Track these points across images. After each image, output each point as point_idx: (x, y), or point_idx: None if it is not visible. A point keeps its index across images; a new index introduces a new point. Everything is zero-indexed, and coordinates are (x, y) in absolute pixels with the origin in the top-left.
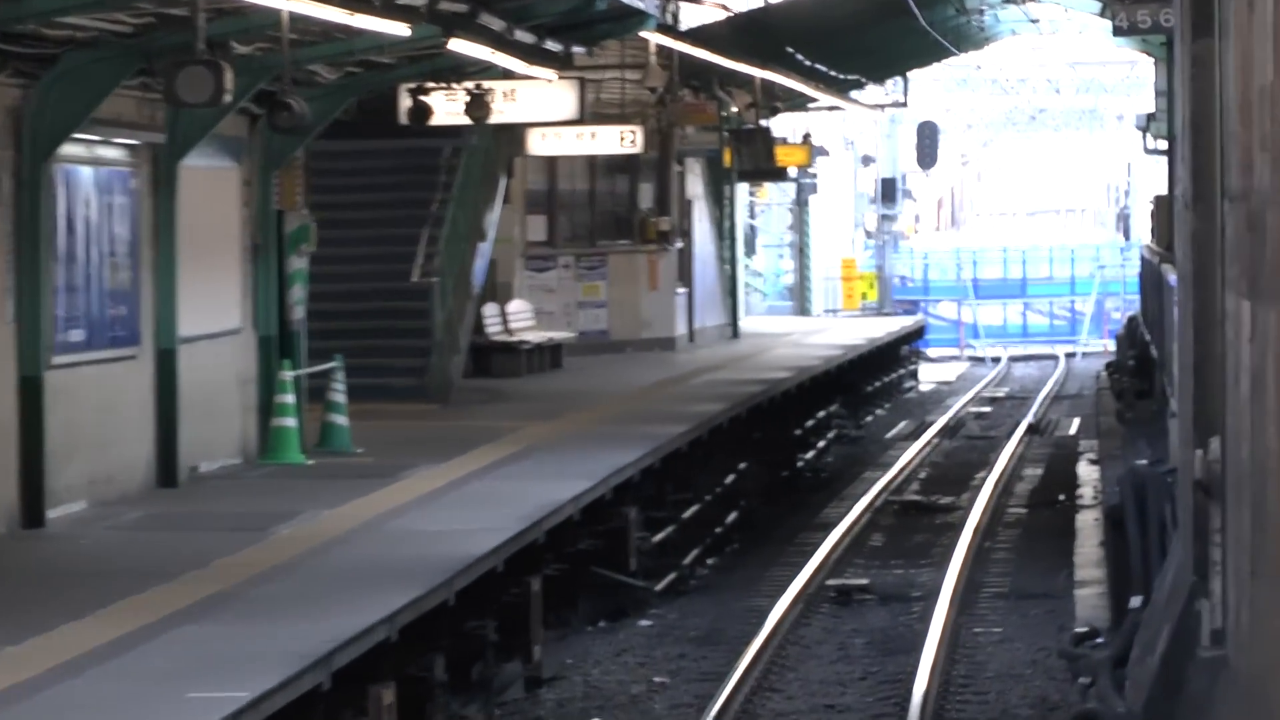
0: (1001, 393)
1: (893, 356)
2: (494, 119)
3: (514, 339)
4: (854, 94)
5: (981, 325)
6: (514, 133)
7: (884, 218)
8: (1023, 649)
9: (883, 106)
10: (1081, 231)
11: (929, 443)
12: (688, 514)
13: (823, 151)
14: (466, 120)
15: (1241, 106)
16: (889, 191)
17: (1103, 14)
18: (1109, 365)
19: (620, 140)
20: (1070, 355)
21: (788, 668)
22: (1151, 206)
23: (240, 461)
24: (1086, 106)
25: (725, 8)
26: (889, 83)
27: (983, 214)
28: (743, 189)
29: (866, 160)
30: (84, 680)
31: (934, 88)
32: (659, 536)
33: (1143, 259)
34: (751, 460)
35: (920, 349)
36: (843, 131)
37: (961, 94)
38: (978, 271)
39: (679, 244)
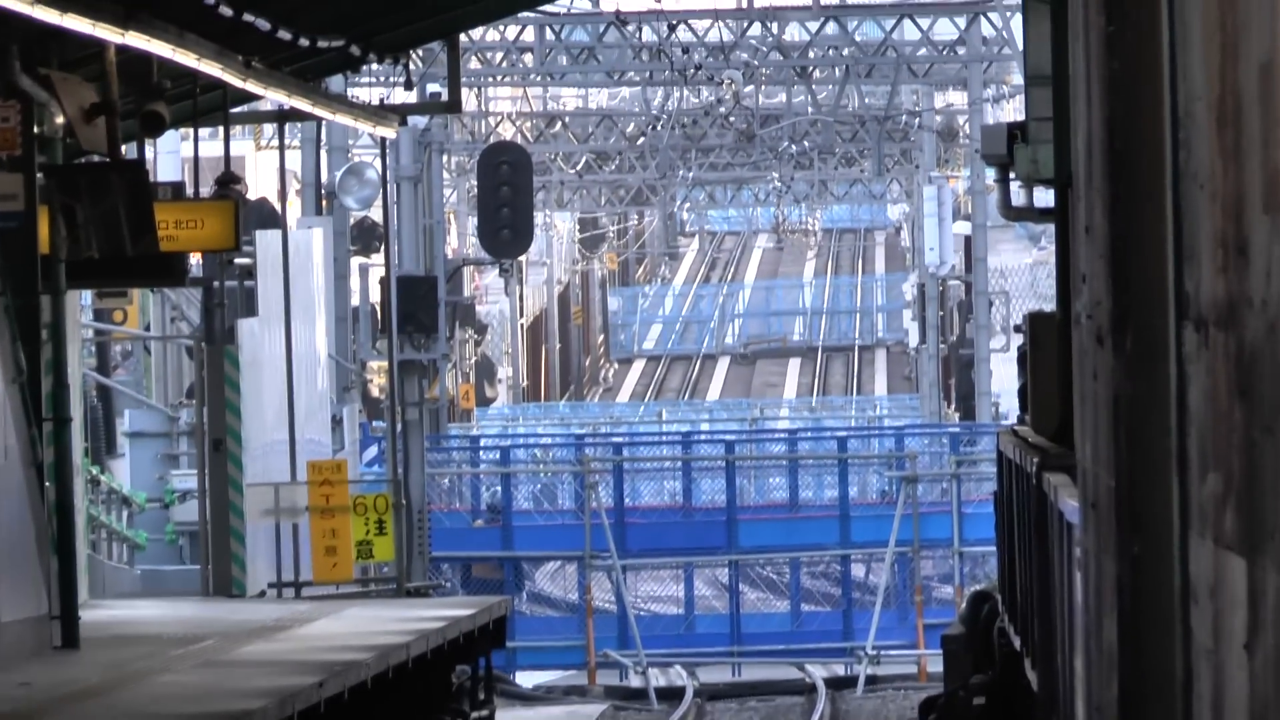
0: None
1: (425, 694)
2: None
3: None
4: (355, 91)
5: (638, 614)
6: None
7: (404, 365)
8: None
9: (402, 114)
10: (854, 404)
11: None
12: None
13: (265, 212)
14: None
15: (1219, 117)
16: (417, 299)
17: None
18: (931, 707)
19: None
20: (842, 683)
21: None
22: (1020, 339)
23: None
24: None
25: None
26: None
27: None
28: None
29: (366, 235)
30: None
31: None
32: None
33: (1001, 464)
34: None
35: (501, 672)
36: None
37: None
38: (628, 488)
39: None
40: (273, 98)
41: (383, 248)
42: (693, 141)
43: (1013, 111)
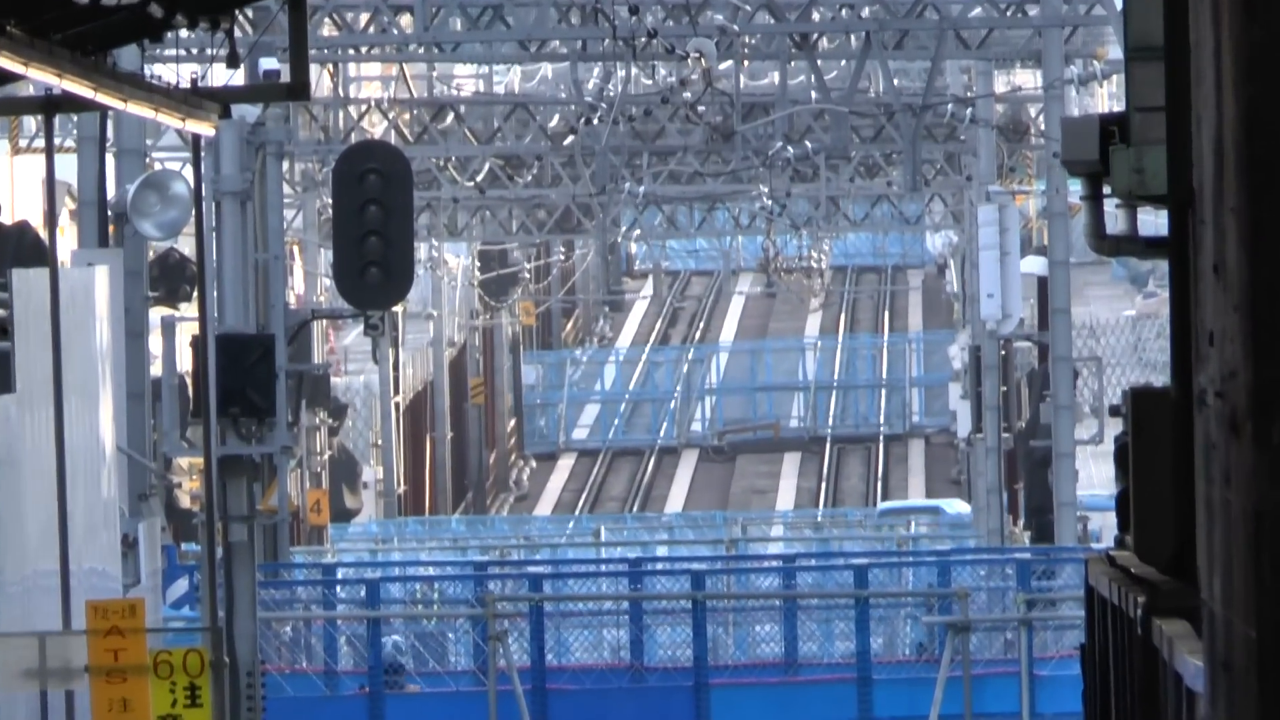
0: None
1: None
2: None
3: None
4: (156, 69)
5: None
6: None
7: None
8: None
9: (224, 103)
10: (878, 520)
11: None
12: None
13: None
14: None
15: None
16: (245, 369)
17: None
18: None
19: None
20: None
21: None
22: (1119, 426)
23: None
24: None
25: None
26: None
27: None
28: None
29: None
30: None
31: None
32: None
33: (1092, 605)
34: None
35: None
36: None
37: None
38: (551, 641)
39: None
40: (36, 78)
41: (196, 294)
42: (645, 142)
43: (1107, 99)
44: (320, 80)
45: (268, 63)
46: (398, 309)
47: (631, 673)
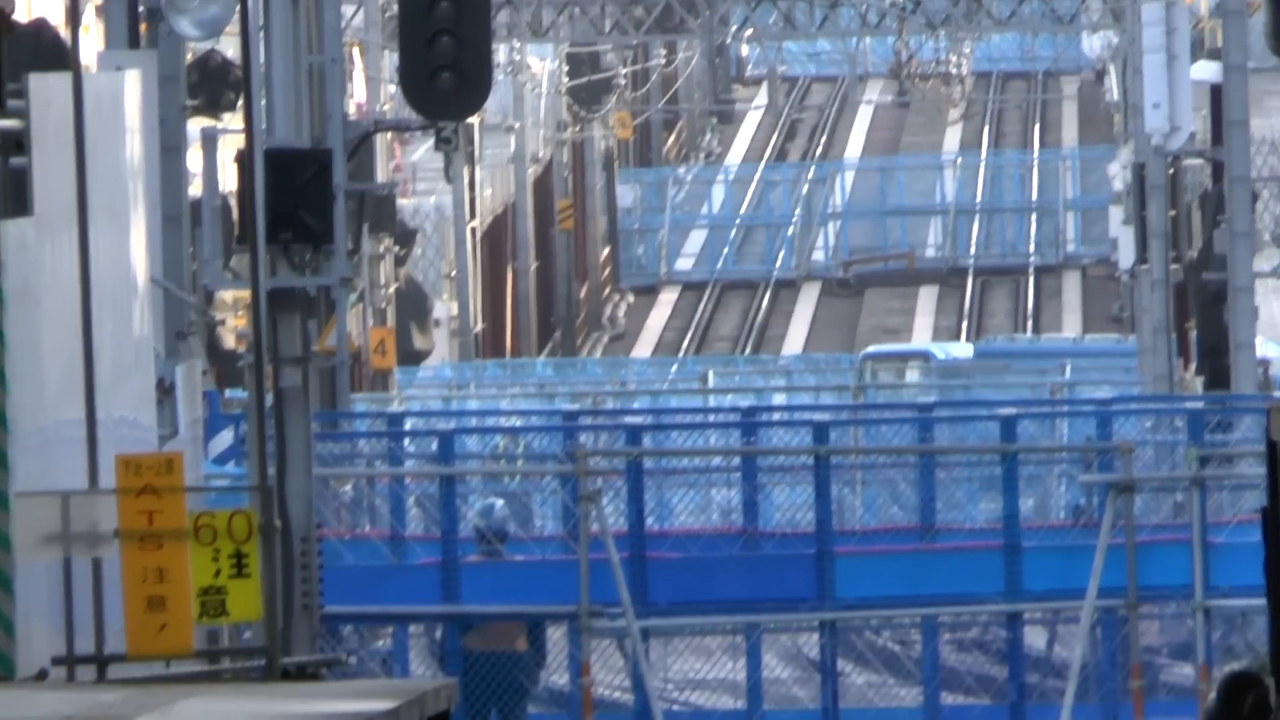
0: None
1: None
2: None
3: None
4: None
5: (671, 709)
6: None
7: None
8: None
9: None
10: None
11: None
12: None
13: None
14: None
15: None
16: (298, 189)
17: None
18: None
19: None
20: None
21: None
22: None
23: None
24: None
25: None
26: None
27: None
28: None
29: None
30: None
31: None
32: None
33: (1276, 461)
34: None
35: None
36: None
37: None
38: (651, 502)
39: None
40: None
41: (241, 103)
42: None
43: None
44: None
45: None
46: (473, 120)
47: (744, 539)
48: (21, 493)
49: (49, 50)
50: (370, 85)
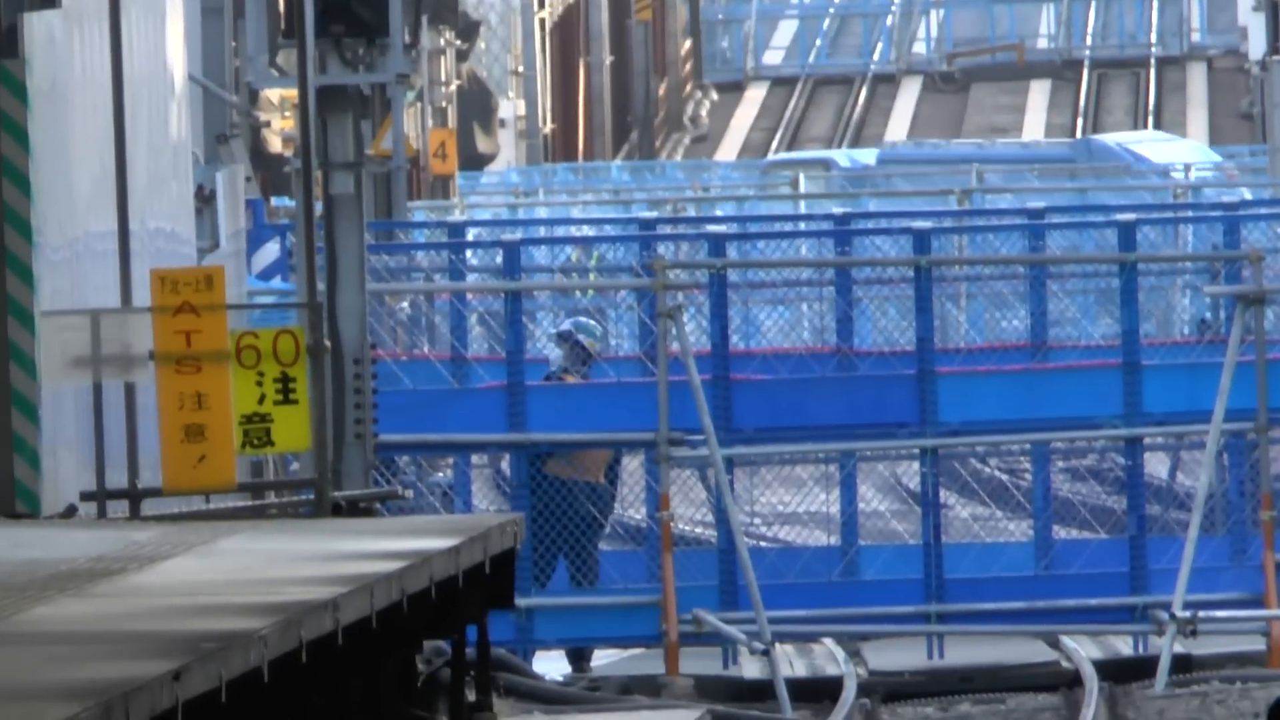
0: None
1: (367, 693)
2: None
3: None
4: None
5: (757, 547)
6: None
7: None
8: None
9: None
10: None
11: None
12: None
13: None
14: None
15: None
16: None
17: None
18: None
19: None
20: (1129, 670)
21: None
22: None
23: None
24: None
25: None
26: None
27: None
28: None
29: None
30: None
31: None
32: None
33: None
34: None
35: (507, 651)
36: None
37: None
38: (737, 319)
39: None
40: None
41: None
42: None
43: None
44: None
45: None
46: None
47: (837, 359)
48: (48, 312)
49: None
50: None
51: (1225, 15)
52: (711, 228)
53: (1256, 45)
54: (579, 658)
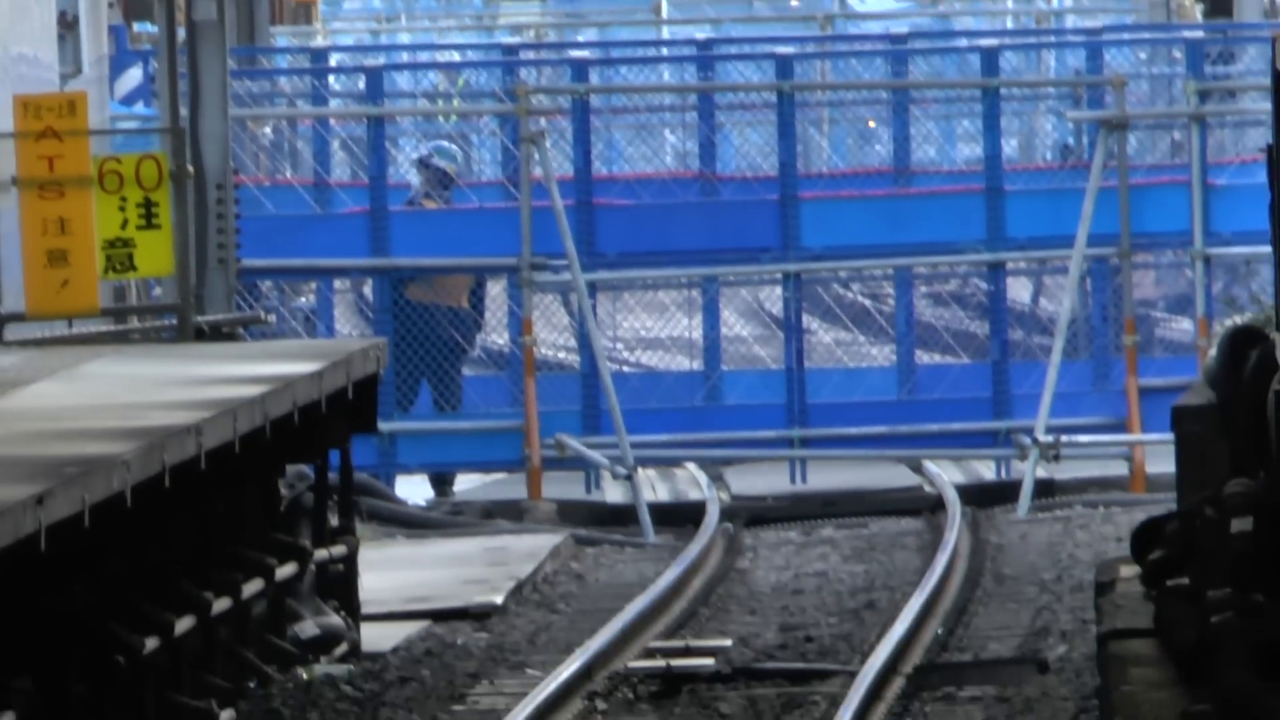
0: None
1: (229, 517)
2: None
3: None
4: None
5: (620, 371)
6: None
7: None
8: None
9: None
10: None
11: None
12: None
13: None
14: None
15: None
16: None
17: None
18: (1152, 538)
19: None
20: (991, 494)
21: None
22: None
23: None
24: None
25: None
26: None
27: None
28: None
29: None
30: None
31: None
32: None
33: None
34: None
35: (370, 477)
36: None
37: None
38: (599, 144)
39: None
40: None
41: None
42: None
43: None
44: None
45: None
46: None
47: (700, 183)
48: None
49: None
50: None
51: None
52: (574, 53)
53: None
54: (441, 482)
